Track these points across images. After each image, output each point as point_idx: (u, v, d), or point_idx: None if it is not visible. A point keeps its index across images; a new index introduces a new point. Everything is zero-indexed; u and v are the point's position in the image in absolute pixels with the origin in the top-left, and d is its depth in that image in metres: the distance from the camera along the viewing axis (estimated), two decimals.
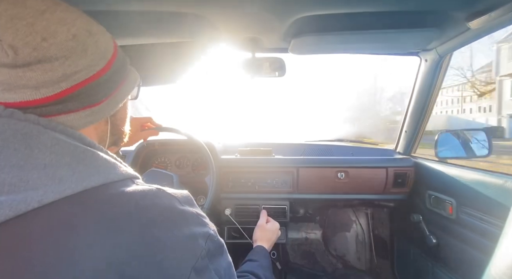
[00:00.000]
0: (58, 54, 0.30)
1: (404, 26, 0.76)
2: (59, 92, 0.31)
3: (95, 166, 0.30)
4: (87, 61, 0.33)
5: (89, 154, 0.31)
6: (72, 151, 0.30)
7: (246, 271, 0.62)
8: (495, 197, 0.75)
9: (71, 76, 0.31)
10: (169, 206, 0.32)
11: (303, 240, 1.59)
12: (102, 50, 0.35)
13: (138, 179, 0.35)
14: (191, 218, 0.33)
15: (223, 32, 0.79)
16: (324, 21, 0.72)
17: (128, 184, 0.32)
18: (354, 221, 1.59)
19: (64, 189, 0.27)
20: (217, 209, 1.18)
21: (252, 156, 1.22)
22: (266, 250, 0.80)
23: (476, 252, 0.80)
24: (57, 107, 0.32)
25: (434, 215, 1.00)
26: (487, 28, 0.73)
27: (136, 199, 0.30)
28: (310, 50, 0.92)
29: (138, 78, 0.45)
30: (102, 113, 0.36)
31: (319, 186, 1.16)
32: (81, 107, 0.33)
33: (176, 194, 0.34)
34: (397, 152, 1.27)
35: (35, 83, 0.30)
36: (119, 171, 0.32)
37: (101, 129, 0.39)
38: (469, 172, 0.87)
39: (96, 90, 0.34)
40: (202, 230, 0.34)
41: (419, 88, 1.08)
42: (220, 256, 0.36)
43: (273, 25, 0.75)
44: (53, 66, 0.30)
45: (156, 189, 0.33)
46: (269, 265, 0.73)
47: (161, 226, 0.30)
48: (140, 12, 0.64)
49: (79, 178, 0.28)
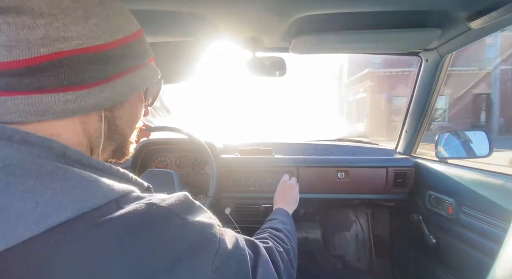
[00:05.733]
0: (45, 10, 0.23)
1: (405, 26, 0.76)
2: (34, 57, 0.23)
3: (68, 190, 0.22)
4: (84, 29, 0.26)
5: (60, 173, 0.23)
6: (36, 171, 0.22)
7: (265, 228, 0.57)
8: (495, 197, 0.74)
9: (56, 41, 0.24)
10: (166, 227, 0.25)
11: (303, 239, 1.59)
12: (113, 26, 0.29)
13: (128, 194, 0.26)
14: (194, 232, 0.28)
15: (223, 31, 0.78)
16: (325, 20, 0.72)
17: (110, 211, 0.24)
18: (354, 220, 1.59)
19: (21, 231, 0.20)
20: (217, 208, 1.18)
21: (252, 155, 1.22)
22: (285, 210, 0.75)
23: (476, 252, 0.80)
24: (28, 80, 0.24)
25: (434, 215, 1.00)
26: (489, 28, 0.73)
27: (120, 230, 0.23)
28: (311, 50, 0.92)
29: (157, 77, 0.36)
30: (89, 102, 0.27)
31: (319, 186, 1.16)
32: (60, 86, 0.25)
33: (173, 205, 0.27)
34: (397, 152, 1.27)
35: (5, 40, 0.23)
36: (100, 192, 0.24)
37: (92, 127, 0.30)
38: (469, 172, 0.87)
39: (86, 68, 0.26)
40: (209, 246, 0.28)
41: (420, 88, 1.07)
42: (231, 266, 0.31)
43: (273, 24, 0.75)
44: (35, 23, 0.23)
45: (145, 205, 0.25)
46: (290, 221, 0.67)
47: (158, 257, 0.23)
48: (141, 11, 0.64)
49: (43, 212, 0.21)
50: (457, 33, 0.81)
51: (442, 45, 0.91)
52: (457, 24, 0.75)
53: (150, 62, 0.36)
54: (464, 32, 0.79)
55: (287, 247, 0.50)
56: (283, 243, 0.50)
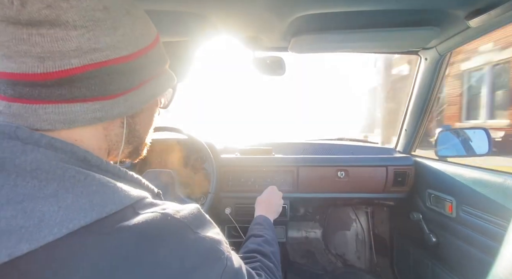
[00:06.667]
0: (78, 22, 0.24)
1: (404, 25, 0.76)
2: (66, 69, 0.24)
3: (88, 195, 0.23)
4: (113, 40, 0.26)
5: (82, 177, 0.24)
6: (60, 176, 0.23)
7: (251, 251, 0.56)
8: (495, 195, 0.75)
9: (87, 53, 0.25)
10: (180, 239, 0.26)
11: (303, 239, 1.60)
12: (137, 35, 0.29)
13: (142, 200, 0.27)
14: (205, 247, 0.28)
15: (223, 31, 0.78)
16: (324, 19, 0.72)
17: (127, 216, 0.24)
18: (354, 219, 1.59)
19: (44, 235, 0.20)
20: (217, 208, 1.18)
21: (252, 155, 1.22)
22: (268, 219, 0.73)
23: (476, 251, 0.80)
24: (60, 91, 0.25)
25: (434, 213, 1.00)
26: (487, 27, 0.73)
27: (137, 237, 0.24)
28: (310, 49, 0.92)
29: (174, 82, 0.37)
30: (115, 110, 0.28)
31: (319, 185, 1.16)
32: (90, 97, 0.26)
33: (187, 218, 0.28)
34: (397, 151, 1.27)
35: (40, 52, 0.23)
36: (117, 198, 0.25)
37: (113, 133, 0.31)
38: (469, 171, 0.87)
39: (113, 79, 0.27)
40: (217, 262, 0.29)
41: (419, 87, 1.08)
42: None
43: (273, 24, 0.75)
44: (68, 35, 0.24)
45: (161, 215, 0.26)
46: (274, 236, 0.65)
47: (170, 268, 0.24)
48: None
49: (65, 215, 0.21)
50: (456, 32, 0.81)
51: (441, 43, 0.91)
52: (456, 23, 0.75)
53: (167, 67, 0.37)
54: (463, 30, 0.79)
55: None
56: (272, 275, 0.51)
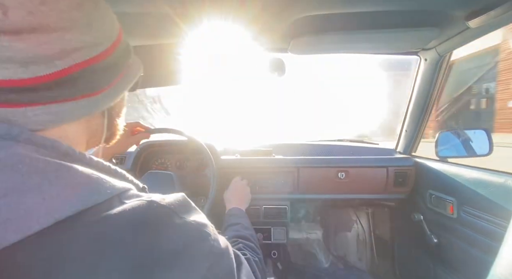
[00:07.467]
0: (58, 24, 0.24)
1: (404, 26, 0.76)
2: (53, 72, 0.24)
3: (72, 187, 0.23)
4: (90, 38, 0.27)
5: (65, 170, 0.24)
6: (42, 169, 0.23)
7: (232, 237, 0.58)
8: (496, 195, 0.74)
9: (70, 53, 0.25)
10: (166, 224, 0.27)
11: (304, 240, 1.59)
12: (108, 28, 0.30)
13: (127, 191, 0.28)
14: (191, 230, 0.29)
15: (223, 33, 0.79)
16: (324, 21, 0.72)
17: (113, 205, 0.25)
18: (355, 220, 1.59)
19: (30, 225, 0.21)
20: (218, 210, 1.18)
21: (253, 156, 1.22)
22: (241, 210, 0.79)
23: (478, 251, 0.80)
24: (50, 94, 0.25)
25: (435, 214, 1.00)
26: (487, 27, 0.73)
27: (123, 224, 0.24)
28: (310, 50, 0.92)
29: (142, 68, 0.40)
30: (100, 104, 0.30)
31: (320, 186, 1.16)
32: (79, 95, 0.27)
33: (172, 204, 0.28)
34: (398, 151, 1.27)
35: (23, 58, 0.23)
36: (102, 189, 0.25)
37: (95, 123, 0.33)
38: (469, 171, 0.87)
39: (97, 76, 0.28)
40: (204, 243, 0.30)
41: (419, 88, 1.08)
42: (222, 266, 0.32)
43: (272, 25, 0.75)
44: (50, 38, 0.24)
45: (147, 203, 0.26)
46: (249, 223, 0.72)
47: (157, 252, 0.25)
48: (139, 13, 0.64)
49: (51, 206, 0.22)
50: (456, 32, 0.81)
51: (440, 44, 0.92)
52: (455, 23, 0.75)
53: (133, 53, 0.39)
54: (463, 31, 0.79)
55: (260, 256, 0.54)
56: (256, 254, 0.54)
